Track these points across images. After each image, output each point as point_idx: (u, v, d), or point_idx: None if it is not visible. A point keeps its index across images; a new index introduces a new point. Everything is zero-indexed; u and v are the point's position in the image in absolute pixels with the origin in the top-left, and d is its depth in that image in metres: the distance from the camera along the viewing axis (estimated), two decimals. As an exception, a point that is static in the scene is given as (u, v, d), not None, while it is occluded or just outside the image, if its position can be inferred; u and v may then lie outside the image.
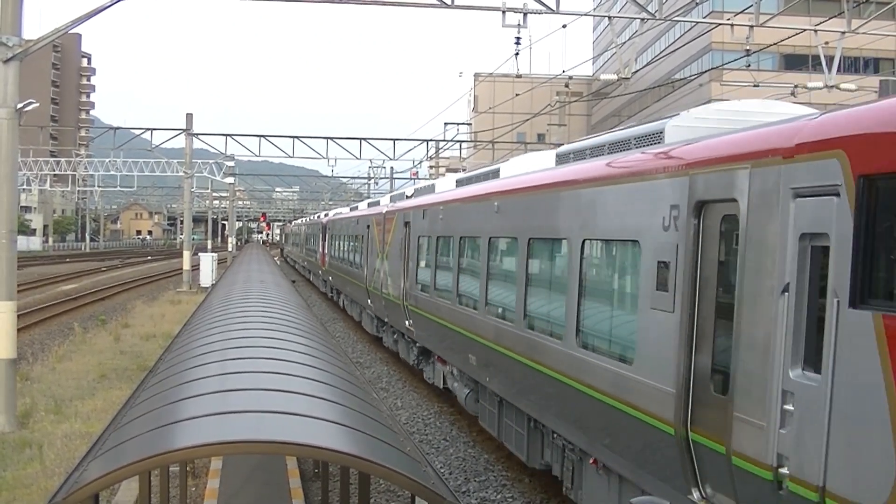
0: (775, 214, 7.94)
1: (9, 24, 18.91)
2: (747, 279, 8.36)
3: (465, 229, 19.35)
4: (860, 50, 70.98)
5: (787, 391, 7.66)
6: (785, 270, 7.78)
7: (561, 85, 52.29)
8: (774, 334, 7.83)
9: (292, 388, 9.09)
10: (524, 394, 14.86)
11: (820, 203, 7.40)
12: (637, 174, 10.93)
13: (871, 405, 6.66)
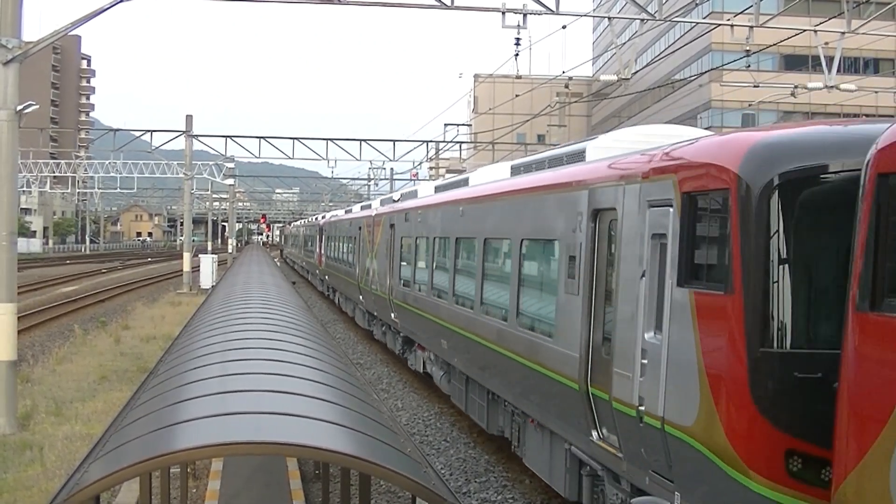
0: (638, 220, 10.62)
1: (8, 26, 18.91)
2: (622, 268, 11.07)
3: (439, 231, 22.18)
4: (860, 50, 71.13)
5: (644, 349, 10.21)
6: (644, 261, 10.41)
7: (561, 86, 52.31)
8: (637, 308, 10.43)
9: (293, 389, 9.10)
10: (483, 370, 17.67)
11: (662, 212, 10.06)
12: (557, 187, 13.72)
13: (687, 357, 9.25)
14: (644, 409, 10.09)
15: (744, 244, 8.75)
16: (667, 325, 9.74)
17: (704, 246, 9.50)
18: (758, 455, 8.45)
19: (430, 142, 66.24)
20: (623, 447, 10.86)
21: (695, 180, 9.60)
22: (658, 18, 26.89)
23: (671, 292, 9.72)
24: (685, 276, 9.54)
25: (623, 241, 11.07)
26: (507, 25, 26.14)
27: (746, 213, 8.79)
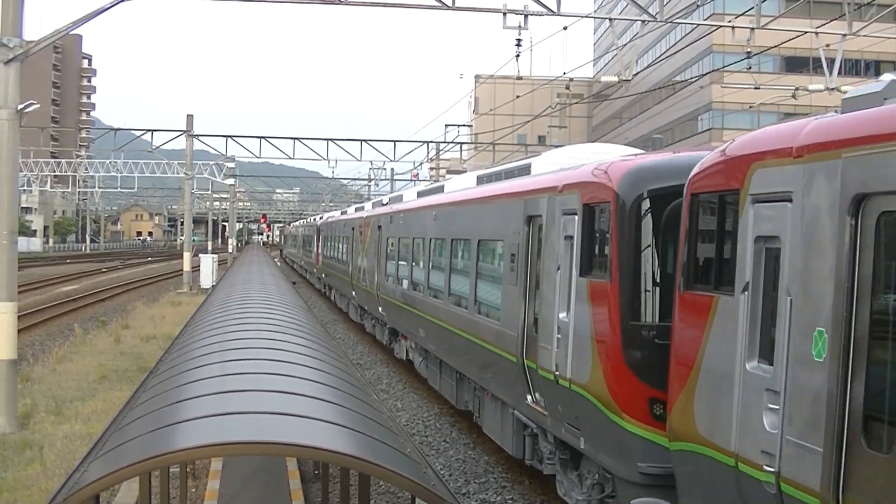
0: (556, 225, 13.40)
1: (9, 26, 18.92)
2: (545, 263, 13.83)
3: (417, 232, 24.96)
4: (861, 52, 71.12)
5: (559, 326, 12.91)
6: (559, 257, 13.15)
7: (562, 87, 52.25)
8: (555, 294, 13.17)
9: (292, 389, 9.10)
10: (452, 353, 20.32)
11: (570, 219, 12.85)
12: (504, 196, 16.71)
13: (585, 330, 12.07)
14: (559, 373, 12.85)
15: (619, 244, 11.53)
16: (572, 307, 12.56)
17: (595, 245, 12.31)
18: (630, 403, 11.13)
19: (431, 142, 66.29)
20: (547, 406, 13.60)
21: (590, 195, 12.39)
22: (659, 20, 26.89)
23: (575, 281, 12.56)
24: (583, 269, 12.38)
25: (546, 242, 13.94)
26: (508, 26, 26.15)
27: (621, 220, 11.56)
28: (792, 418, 7.74)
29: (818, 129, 7.96)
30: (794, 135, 8.22)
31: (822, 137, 7.82)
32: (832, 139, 7.64)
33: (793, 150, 8.05)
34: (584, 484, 12.87)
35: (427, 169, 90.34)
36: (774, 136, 8.71)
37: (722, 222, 9.37)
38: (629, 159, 12.40)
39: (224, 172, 77.39)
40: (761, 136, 9.02)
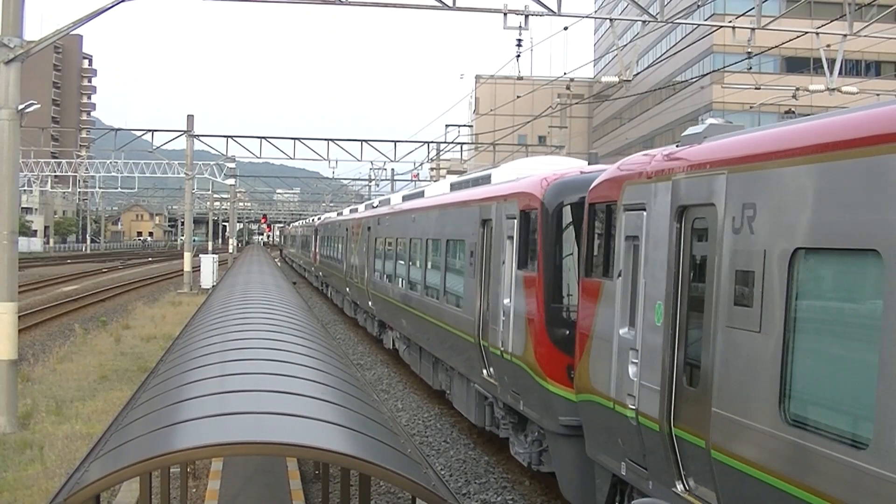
0: (502, 227, 16.36)
1: (10, 26, 18.93)
2: (494, 259, 16.77)
3: (399, 233, 27.73)
4: (862, 53, 70.99)
5: (504, 311, 15.80)
6: (504, 254, 16.09)
7: (562, 87, 52.28)
8: (501, 284, 16.11)
9: (293, 389, 9.10)
10: (428, 340, 23.02)
11: (511, 222, 15.73)
12: (466, 202, 19.71)
13: (520, 312, 14.98)
14: (504, 349, 15.73)
15: (543, 243, 14.43)
16: (512, 294, 15.60)
17: (527, 244, 15.19)
18: (552, 369, 13.96)
19: (432, 143, 66.25)
20: (497, 378, 16.39)
21: (525, 203, 15.26)
22: (660, 20, 26.89)
23: (514, 273, 15.60)
24: (520, 263, 15.34)
25: (494, 241, 16.92)
26: (509, 26, 26.15)
27: (546, 224, 14.42)
28: (643, 368, 10.38)
29: (661, 158, 10.73)
30: (648, 162, 10.98)
31: (662, 165, 10.55)
32: (668, 167, 10.35)
33: (646, 173, 10.85)
34: (527, 441, 15.63)
35: (428, 169, 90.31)
36: (637, 162, 11.47)
37: (607, 225, 12.07)
38: (556, 174, 15.11)
39: (224, 173, 77.37)
40: (631, 161, 11.81)
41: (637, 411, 10.43)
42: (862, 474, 6.89)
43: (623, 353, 10.98)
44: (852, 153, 7.42)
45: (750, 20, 27.70)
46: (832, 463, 7.26)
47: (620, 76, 28.46)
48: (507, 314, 15.67)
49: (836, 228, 7.45)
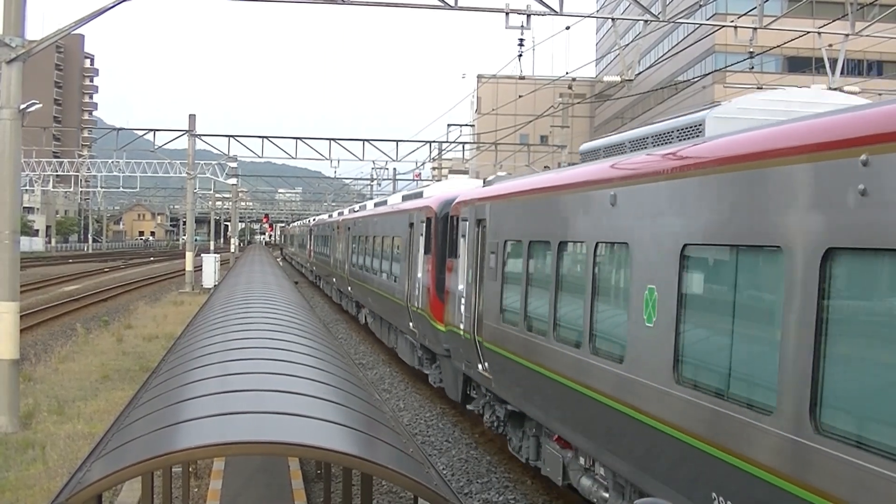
0: (419, 228, 24.29)
1: (11, 25, 18.93)
2: (413, 248, 24.79)
3: (365, 232, 36.77)
4: (864, 52, 70.91)
5: (416, 282, 24.35)
6: (420, 245, 24.06)
7: (564, 87, 52.22)
8: (417, 265, 24.32)
9: (294, 388, 9.09)
10: (382, 308, 31.28)
11: (422, 225, 23.96)
12: (401, 211, 27.95)
13: (424, 282, 23.44)
14: (418, 307, 23.94)
15: (434, 238, 22.70)
16: (421, 271, 23.84)
17: (428, 238, 23.26)
18: (437, 315, 21.69)
19: (433, 142, 66.19)
20: (416, 327, 24.71)
21: (427, 213, 23.55)
22: (662, 20, 26.87)
23: (423, 257, 23.81)
24: (425, 251, 23.49)
25: (413, 237, 25.21)
26: (511, 26, 26.13)
27: (434, 227, 22.73)
28: (467, 308, 18.57)
29: (470, 193, 19.54)
30: (470, 193, 19.45)
31: (470, 196, 19.21)
32: (474, 197, 18.65)
33: (467, 201, 19.17)
34: (432, 367, 23.94)
35: (429, 168, 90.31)
36: (466, 193, 20.00)
37: (455, 229, 20.34)
38: (447, 195, 23.10)
39: (226, 172, 77.34)
40: (465, 192, 20.25)
41: (465, 331, 18.58)
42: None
43: (462, 300, 18.99)
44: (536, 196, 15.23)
45: (752, 20, 27.68)
46: (535, 344, 14.32)
47: (622, 76, 28.44)
48: (420, 283, 24.11)
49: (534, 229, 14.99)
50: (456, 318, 19.28)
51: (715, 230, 9.04)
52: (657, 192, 10.31)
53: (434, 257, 22.43)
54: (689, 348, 9.52)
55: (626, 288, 10.91)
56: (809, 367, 7.48)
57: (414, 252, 24.74)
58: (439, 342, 21.48)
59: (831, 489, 7.15)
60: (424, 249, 23.45)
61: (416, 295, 24.05)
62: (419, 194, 28.72)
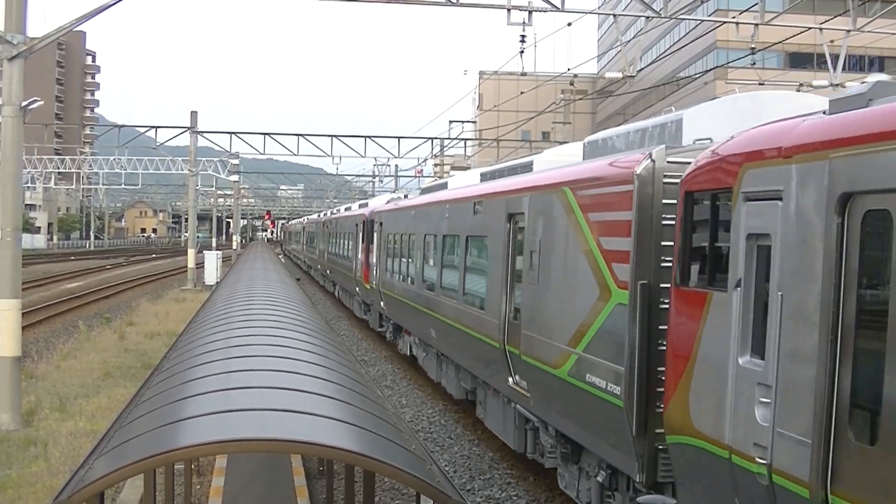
0: (360, 227, 38.35)
1: (13, 22, 18.92)
2: (359, 239, 38.40)
3: (335, 230, 50.07)
4: (865, 48, 70.89)
5: (356, 262, 38.59)
6: (363, 237, 37.19)
7: (566, 83, 52.33)
8: (357, 250, 39.13)
9: (297, 385, 9.09)
10: (344, 283, 44.81)
11: (362, 224, 37.82)
12: (353, 215, 43.02)
13: (361, 262, 37.63)
14: (374, 281, 32.75)
15: (365, 233, 36.60)
16: (359, 255, 37.91)
17: (365, 234, 36.74)
18: (365, 279, 35.68)
19: (435, 139, 66.16)
20: (361, 294, 37.79)
21: (365, 217, 36.63)
22: (663, 16, 26.86)
23: (360, 245, 37.30)
24: (362, 241, 37.16)
25: (359, 232, 37.99)
26: (513, 22, 26.13)
27: (365, 227, 36.56)
28: (379, 272, 33.03)
29: (379, 207, 34.68)
30: (378, 207, 34.26)
31: (378, 209, 34.30)
32: (379, 210, 34.04)
33: (376, 211, 33.62)
34: (369, 316, 34.86)
35: (431, 165, 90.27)
36: (377, 207, 34.83)
37: (372, 227, 33.69)
38: (377, 206, 34.76)
39: (228, 169, 77.33)
40: (377, 206, 35.47)
41: (374, 285, 32.58)
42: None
43: (373, 269, 33.38)
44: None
45: (753, 16, 27.67)
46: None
47: (624, 72, 28.43)
48: (358, 263, 37.14)
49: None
50: (372, 279, 33.78)
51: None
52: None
53: (365, 245, 36.57)
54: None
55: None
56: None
57: (362, 240, 37.59)
58: (368, 295, 35.44)
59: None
60: (363, 240, 37.06)
61: (355, 269, 39.07)
62: (365, 203, 44.21)
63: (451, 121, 68.91)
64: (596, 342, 11.97)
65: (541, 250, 14.07)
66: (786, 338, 7.97)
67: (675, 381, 9.84)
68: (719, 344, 8.99)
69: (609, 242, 11.71)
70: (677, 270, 9.96)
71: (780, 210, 8.12)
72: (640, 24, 43.19)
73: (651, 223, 10.85)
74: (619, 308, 11.33)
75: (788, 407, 7.87)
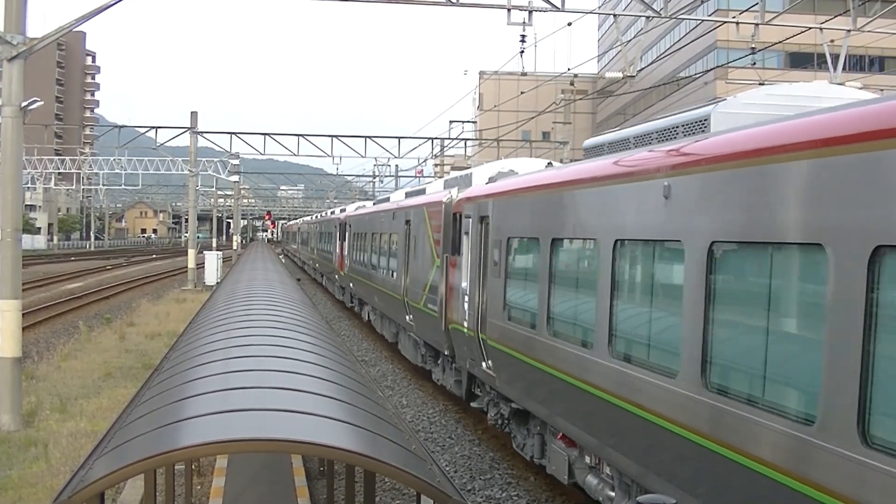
0: (338, 227, 50.24)
1: (13, 23, 18.91)
2: (336, 237, 49.69)
3: (317, 230, 66.23)
4: (865, 48, 70.88)
5: (335, 255, 49.77)
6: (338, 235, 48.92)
7: (566, 83, 52.29)
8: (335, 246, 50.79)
9: (297, 386, 9.08)
10: (326, 269, 57.86)
11: (338, 225, 49.85)
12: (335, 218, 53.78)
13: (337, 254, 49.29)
14: (337, 268, 48.57)
15: (340, 234, 47.09)
16: (338, 250, 47.93)
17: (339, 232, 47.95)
18: (341, 266, 46.60)
19: (435, 139, 66.17)
20: (339, 279, 48.38)
21: (341, 221, 47.77)
22: (663, 16, 26.85)
23: (338, 242, 48.12)
24: (339, 238, 47.60)
25: (336, 232, 49.19)
26: (513, 22, 26.12)
27: (341, 227, 47.19)
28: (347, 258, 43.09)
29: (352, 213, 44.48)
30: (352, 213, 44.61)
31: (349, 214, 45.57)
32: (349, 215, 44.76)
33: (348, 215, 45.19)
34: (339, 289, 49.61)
35: (431, 165, 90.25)
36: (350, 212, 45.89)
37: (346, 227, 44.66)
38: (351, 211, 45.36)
39: (228, 169, 77.32)
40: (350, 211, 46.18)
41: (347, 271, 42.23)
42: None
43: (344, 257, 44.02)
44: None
45: (754, 16, 27.66)
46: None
47: (624, 72, 28.42)
48: (336, 256, 47.12)
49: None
50: (344, 267, 44.09)
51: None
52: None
53: (340, 242, 46.60)
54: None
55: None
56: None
57: (340, 239, 46.66)
58: (343, 280, 45.97)
59: None
60: (337, 238, 47.86)
61: (335, 260, 48.99)
62: (343, 209, 54.03)
63: (452, 121, 68.89)
64: (431, 287, 22.64)
65: (416, 239, 25.11)
66: (471, 276, 18.32)
67: (450, 300, 20.35)
68: (458, 280, 19.49)
69: (436, 235, 22.31)
70: (449, 248, 20.67)
71: (474, 223, 18.31)
72: (641, 23, 43.20)
73: (448, 226, 20.82)
74: (437, 269, 21.99)
75: (470, 305, 18.26)
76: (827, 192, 7.38)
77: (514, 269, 15.84)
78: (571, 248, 13.22)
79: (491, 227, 17.07)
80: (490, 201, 17.20)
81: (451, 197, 20.74)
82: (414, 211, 25.39)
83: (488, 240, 17.21)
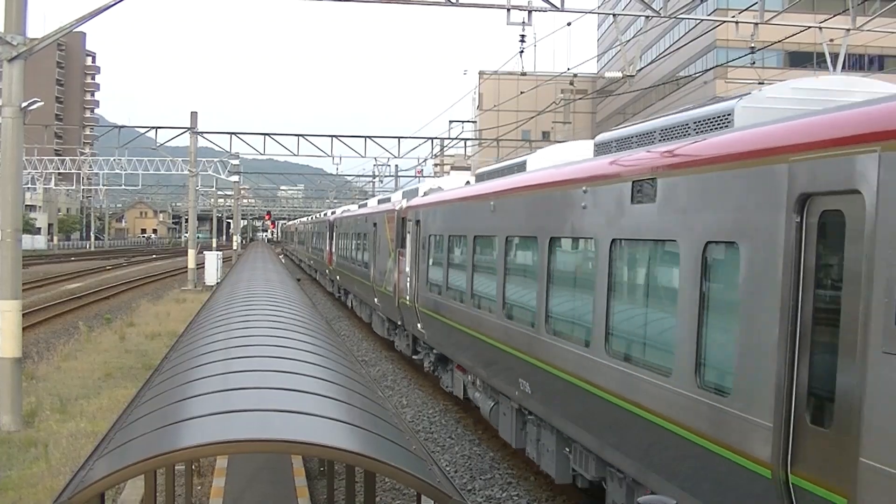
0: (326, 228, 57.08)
1: (13, 23, 18.91)
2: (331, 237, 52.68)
3: (310, 230, 75.14)
4: (865, 47, 70.87)
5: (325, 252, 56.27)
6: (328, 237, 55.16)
7: (566, 82, 52.35)
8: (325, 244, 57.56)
9: (297, 386, 9.08)
10: (320, 267, 62.84)
11: (328, 226, 55.57)
12: (326, 220, 60.04)
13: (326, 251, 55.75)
14: (327, 264, 55.54)
15: (329, 234, 53.34)
16: (328, 247, 53.97)
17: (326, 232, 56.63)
18: (329, 261, 53.43)
19: (435, 139, 66.15)
20: (330, 274, 55.15)
21: (329, 223, 54.49)
22: (663, 15, 26.84)
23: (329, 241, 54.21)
24: (330, 238, 53.22)
25: (326, 232, 55.82)
26: (512, 22, 26.11)
27: (330, 228, 53.26)
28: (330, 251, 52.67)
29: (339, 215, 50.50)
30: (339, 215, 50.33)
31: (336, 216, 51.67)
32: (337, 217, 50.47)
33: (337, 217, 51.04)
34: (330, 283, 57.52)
35: (431, 165, 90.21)
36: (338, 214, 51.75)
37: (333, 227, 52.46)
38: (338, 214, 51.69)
39: (228, 169, 77.29)
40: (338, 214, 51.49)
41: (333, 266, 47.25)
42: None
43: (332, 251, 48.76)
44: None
45: (753, 15, 27.65)
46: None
47: (624, 71, 28.42)
48: (325, 253, 54.56)
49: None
50: (332, 262, 50.30)
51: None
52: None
53: (329, 240, 52.38)
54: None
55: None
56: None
57: (329, 238, 52.12)
58: (328, 274, 54.48)
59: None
60: (329, 237, 52.54)
61: (325, 256, 55.34)
62: (333, 212, 58.77)
63: (451, 121, 68.88)
64: (388, 274, 28.42)
65: (379, 238, 31.26)
66: (411, 263, 24.38)
67: (399, 282, 25.84)
68: (404, 266, 25.16)
69: (392, 234, 28.25)
70: (399, 244, 26.51)
71: (412, 224, 24.40)
72: (640, 23, 43.17)
73: (398, 227, 27.00)
74: (391, 260, 28.03)
75: (411, 282, 24.39)
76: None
77: (433, 256, 22.56)
78: (465, 241, 19.15)
79: (421, 228, 24.07)
80: (420, 209, 24.30)
81: (401, 205, 27.49)
82: (378, 216, 32.37)
83: (419, 236, 24.14)
